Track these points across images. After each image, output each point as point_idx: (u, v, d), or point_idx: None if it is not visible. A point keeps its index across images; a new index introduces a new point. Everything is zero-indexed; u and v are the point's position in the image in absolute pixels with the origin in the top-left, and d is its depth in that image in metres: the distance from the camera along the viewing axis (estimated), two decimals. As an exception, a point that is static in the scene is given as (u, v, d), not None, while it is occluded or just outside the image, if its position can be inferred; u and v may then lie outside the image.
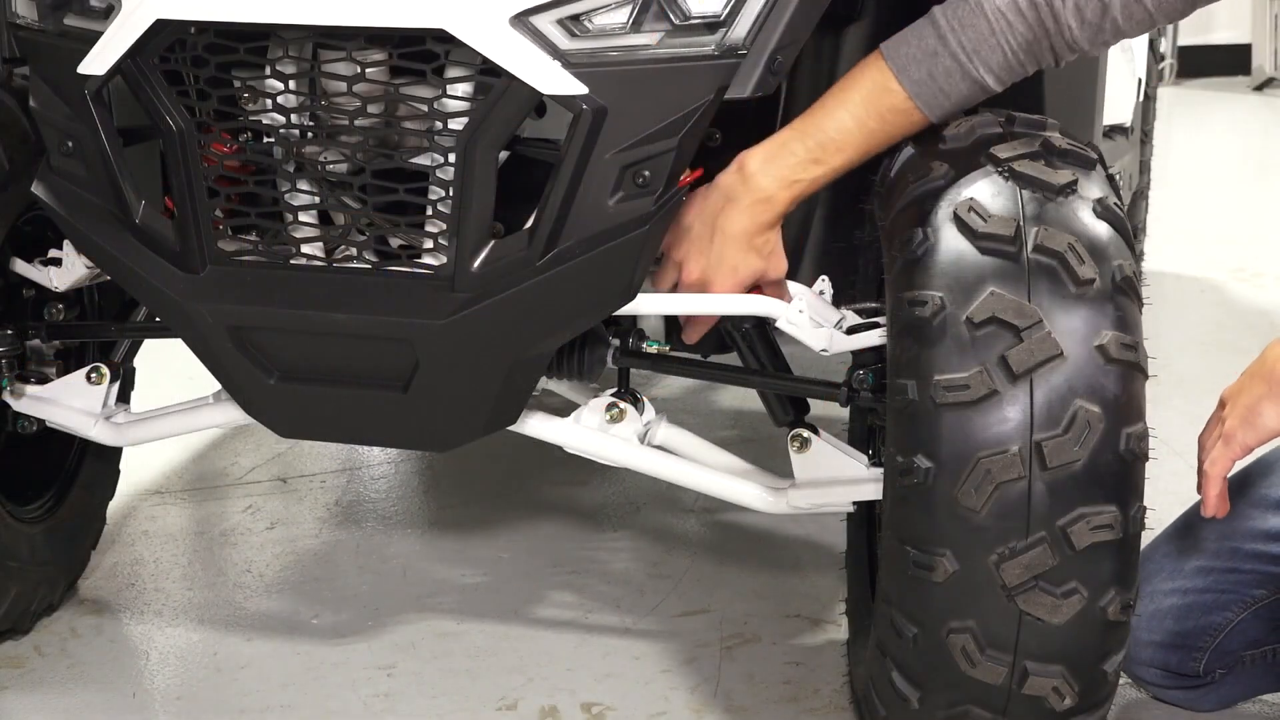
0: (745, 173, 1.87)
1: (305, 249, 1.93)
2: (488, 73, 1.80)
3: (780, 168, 1.86)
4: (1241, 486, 2.08)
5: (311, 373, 1.95)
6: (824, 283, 2.02)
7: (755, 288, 1.94)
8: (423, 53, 1.82)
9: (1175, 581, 2.08)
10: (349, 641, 2.37)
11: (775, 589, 2.53)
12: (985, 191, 1.77)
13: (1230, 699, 2.15)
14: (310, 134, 1.90)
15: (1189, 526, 2.12)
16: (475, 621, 2.43)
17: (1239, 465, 1.96)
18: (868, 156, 1.88)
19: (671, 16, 1.79)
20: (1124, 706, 2.17)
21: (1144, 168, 3.87)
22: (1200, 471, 1.90)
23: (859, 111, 1.85)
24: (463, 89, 1.84)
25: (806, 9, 1.83)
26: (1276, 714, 2.17)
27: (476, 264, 1.85)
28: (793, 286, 2.01)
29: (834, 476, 2.01)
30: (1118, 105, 3.06)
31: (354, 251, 1.93)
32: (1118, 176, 2.24)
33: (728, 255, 1.88)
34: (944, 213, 1.76)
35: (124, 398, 2.29)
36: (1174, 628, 2.08)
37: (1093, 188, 1.80)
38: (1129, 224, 1.81)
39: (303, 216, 1.93)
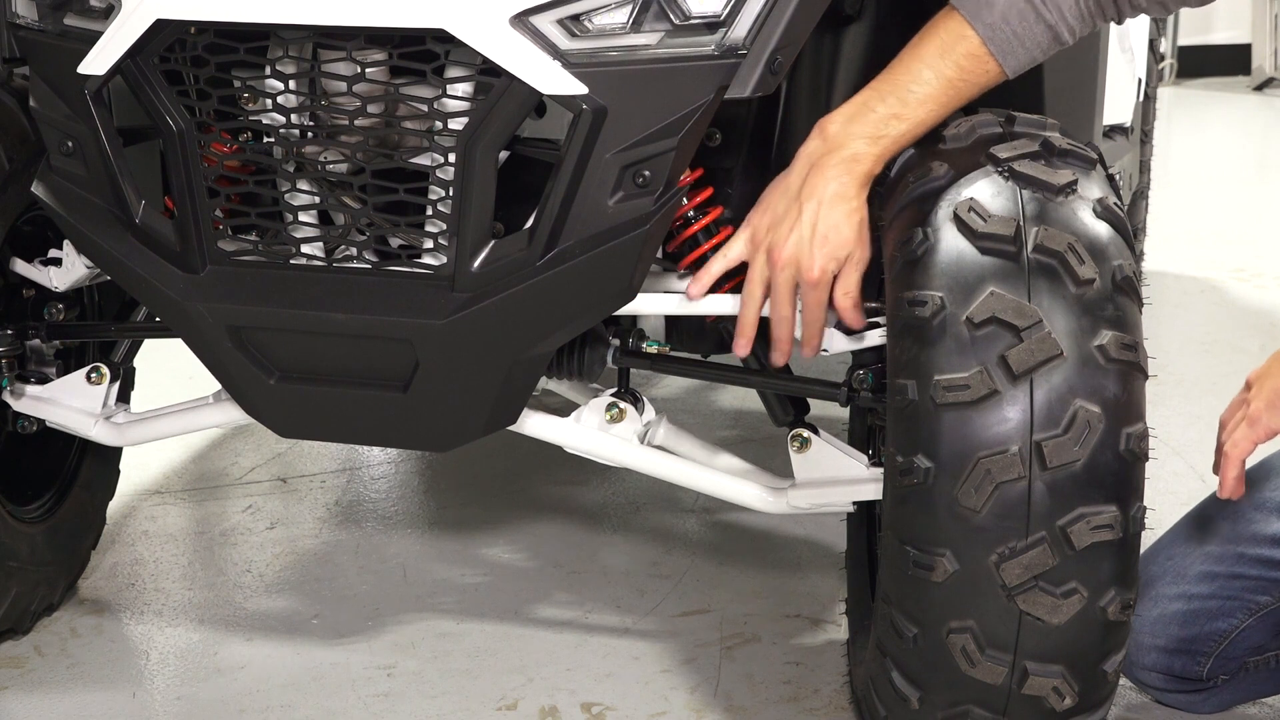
0: (826, 134, 1.83)
1: (305, 249, 1.93)
2: (488, 73, 1.80)
3: (863, 125, 1.82)
4: (1246, 489, 2.07)
5: (311, 373, 1.95)
6: (824, 283, 2.02)
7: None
8: (423, 53, 1.82)
9: (1180, 586, 2.08)
10: (349, 641, 2.37)
11: (775, 589, 2.53)
12: (985, 191, 1.77)
13: (1231, 703, 2.15)
14: (310, 134, 1.90)
15: (1192, 530, 2.11)
16: (475, 621, 2.43)
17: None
18: (952, 108, 1.85)
19: (671, 16, 1.79)
20: (1124, 707, 2.17)
21: (1144, 168, 3.86)
22: (1220, 451, 1.88)
23: (935, 62, 1.82)
24: (463, 89, 1.84)
25: (806, 9, 1.82)
26: (1273, 716, 2.17)
27: (476, 264, 1.85)
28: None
29: (834, 476, 2.01)
30: (1118, 105, 3.06)
31: (354, 251, 1.93)
32: (1118, 176, 2.23)
33: (821, 222, 1.81)
34: (944, 213, 1.76)
35: (124, 398, 2.29)
36: (1179, 633, 2.08)
37: (1093, 188, 1.80)
38: (1129, 224, 1.80)
39: (303, 216, 1.93)
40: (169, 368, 2.86)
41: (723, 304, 2.02)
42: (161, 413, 2.25)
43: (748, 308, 1.88)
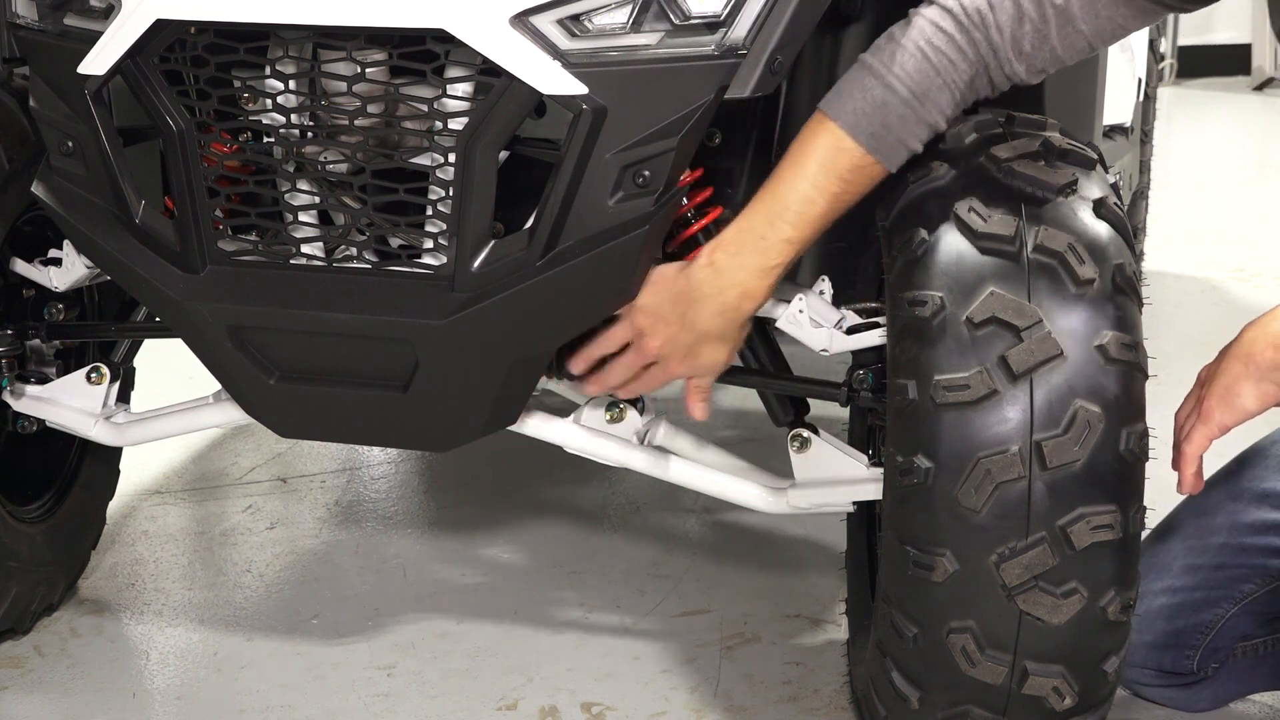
0: (716, 265, 1.82)
1: (305, 249, 1.93)
2: (488, 73, 1.80)
3: (754, 256, 1.81)
4: (1224, 481, 2.08)
5: (311, 373, 1.95)
6: (824, 283, 2.02)
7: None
8: (423, 53, 1.82)
9: (1164, 581, 2.08)
10: (349, 641, 2.37)
11: (775, 589, 2.53)
12: (985, 191, 1.77)
13: (1223, 696, 2.15)
14: (310, 134, 1.90)
15: (1174, 525, 2.12)
16: (475, 621, 2.43)
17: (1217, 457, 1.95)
18: (837, 216, 1.83)
19: (671, 16, 1.79)
20: (1123, 706, 2.17)
21: (1144, 168, 3.86)
22: (1176, 449, 1.90)
23: (819, 179, 1.78)
24: (463, 89, 1.84)
25: (806, 9, 1.82)
26: (1267, 714, 2.17)
27: (476, 264, 1.85)
28: (792, 287, 2.01)
29: (834, 476, 2.01)
30: (1118, 105, 3.06)
31: (354, 251, 1.93)
32: (1118, 176, 2.23)
33: (695, 348, 1.86)
34: (944, 213, 1.76)
35: (124, 398, 2.29)
36: (1166, 627, 2.08)
37: (1093, 188, 1.80)
38: (1129, 224, 1.80)
39: (303, 216, 1.93)
40: (169, 368, 2.86)
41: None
42: (161, 413, 2.25)
43: (597, 348, 1.92)
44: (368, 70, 1.85)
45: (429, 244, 1.88)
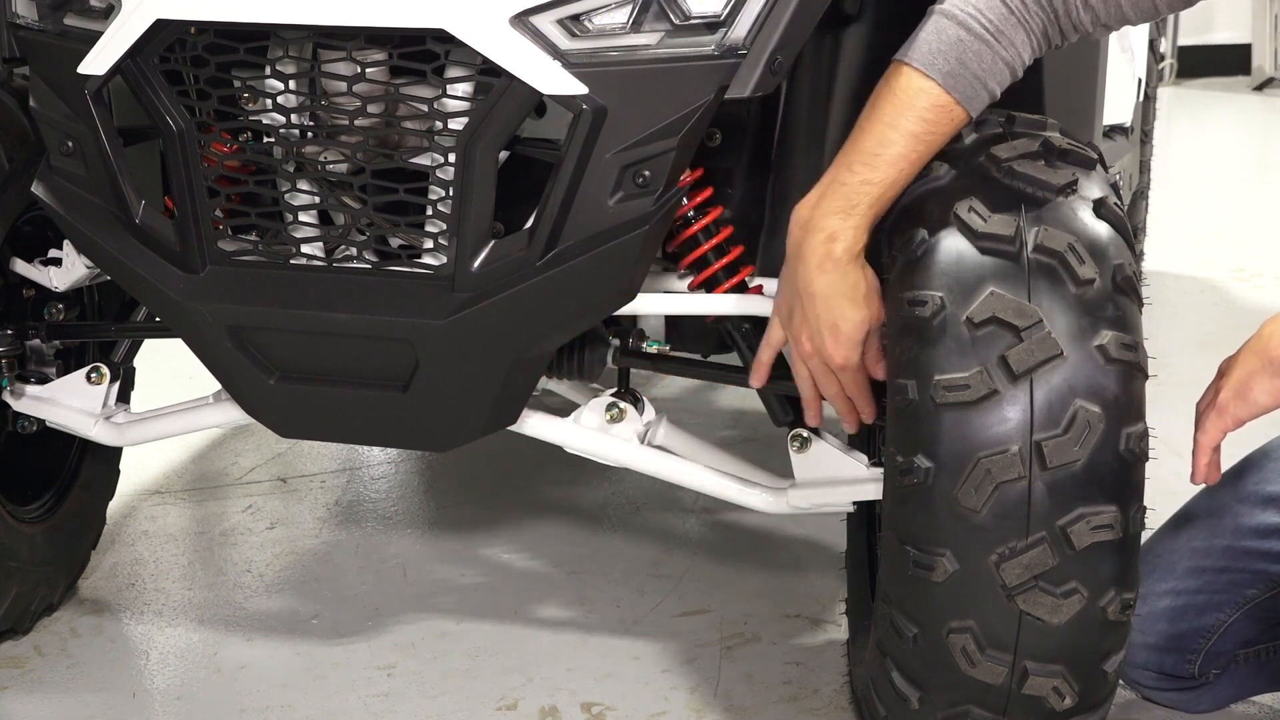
0: (800, 220, 1.80)
1: (305, 249, 1.93)
2: (488, 73, 1.81)
3: (833, 201, 1.77)
4: (1230, 482, 2.08)
5: (311, 373, 1.95)
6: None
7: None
8: (423, 53, 1.83)
9: (1168, 582, 2.08)
10: (349, 641, 2.37)
11: (775, 589, 2.53)
12: (985, 191, 1.77)
13: (1224, 700, 2.15)
14: (310, 134, 1.90)
15: (1180, 526, 2.12)
16: (475, 621, 2.43)
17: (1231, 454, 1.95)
18: (923, 163, 1.79)
19: (671, 16, 1.79)
20: (1123, 706, 2.17)
21: (1144, 168, 3.86)
22: (1194, 440, 1.90)
23: (897, 120, 1.75)
24: (463, 89, 1.84)
25: (806, 9, 1.82)
26: (1268, 715, 2.17)
27: (476, 264, 1.85)
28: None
29: (834, 476, 2.01)
30: (1118, 105, 3.06)
31: (354, 251, 1.93)
32: (1118, 176, 2.23)
33: (824, 315, 1.79)
34: (944, 213, 1.76)
35: (124, 398, 2.30)
36: (1168, 630, 2.08)
37: (1093, 188, 1.80)
38: (1129, 224, 1.80)
39: (303, 216, 1.93)
40: (169, 368, 2.86)
41: (723, 304, 2.02)
42: (161, 413, 2.25)
43: (801, 388, 1.90)
44: (368, 70, 1.85)
45: (429, 244, 1.88)
